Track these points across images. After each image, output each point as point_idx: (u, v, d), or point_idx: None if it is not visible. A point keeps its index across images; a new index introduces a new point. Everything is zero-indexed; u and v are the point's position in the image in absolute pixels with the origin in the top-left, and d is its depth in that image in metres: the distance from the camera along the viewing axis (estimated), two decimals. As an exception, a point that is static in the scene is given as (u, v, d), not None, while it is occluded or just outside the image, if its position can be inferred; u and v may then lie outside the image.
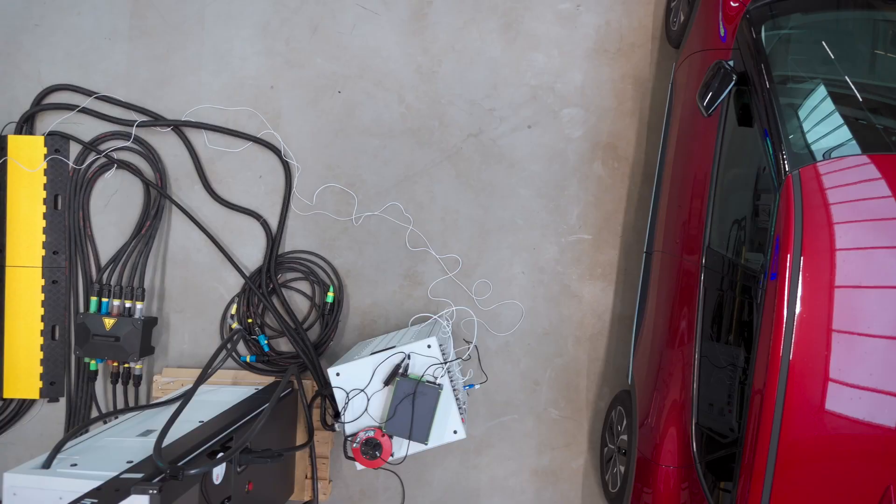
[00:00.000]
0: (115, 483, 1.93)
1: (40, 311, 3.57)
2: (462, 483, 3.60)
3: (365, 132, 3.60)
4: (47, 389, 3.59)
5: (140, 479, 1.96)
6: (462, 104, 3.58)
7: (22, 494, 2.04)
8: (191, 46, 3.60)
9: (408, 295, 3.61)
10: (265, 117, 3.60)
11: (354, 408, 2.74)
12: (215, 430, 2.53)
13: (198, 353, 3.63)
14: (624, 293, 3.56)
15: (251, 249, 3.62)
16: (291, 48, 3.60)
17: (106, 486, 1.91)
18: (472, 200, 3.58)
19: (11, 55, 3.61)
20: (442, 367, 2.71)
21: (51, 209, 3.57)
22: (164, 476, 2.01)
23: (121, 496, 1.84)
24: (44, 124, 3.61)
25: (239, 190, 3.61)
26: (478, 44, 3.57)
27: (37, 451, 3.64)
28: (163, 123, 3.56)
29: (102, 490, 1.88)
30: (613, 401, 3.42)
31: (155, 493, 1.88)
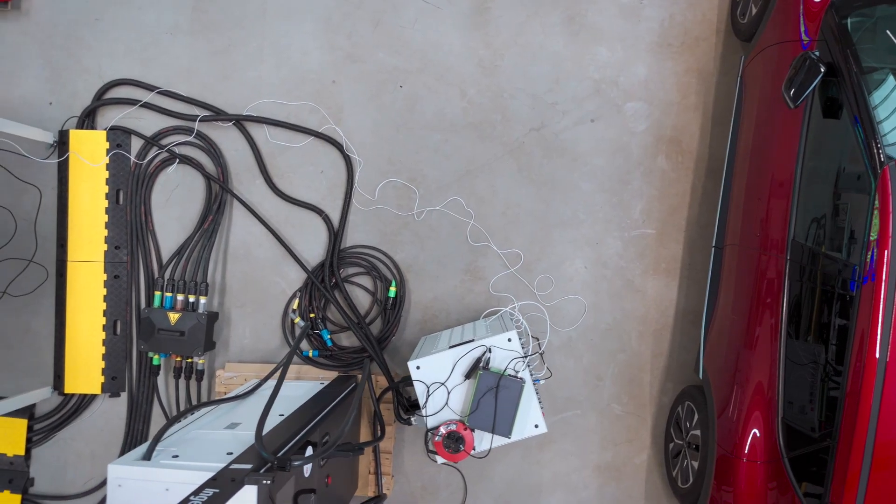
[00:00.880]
0: (229, 473, 1.92)
1: (102, 306, 3.57)
2: (524, 479, 3.59)
3: (426, 127, 3.58)
4: (109, 384, 3.59)
5: (250, 470, 1.95)
6: (524, 98, 3.56)
7: (127, 486, 2.04)
8: (252, 41, 3.60)
9: (469, 290, 3.59)
10: (327, 112, 3.59)
11: (434, 401, 2.72)
12: (301, 423, 2.53)
13: (258, 348, 3.63)
14: (688, 288, 3.54)
15: (312, 244, 3.61)
16: (353, 42, 3.59)
17: (221, 476, 1.90)
18: (533, 195, 3.57)
19: (72, 50, 3.61)
20: (522, 361, 2.69)
21: (113, 204, 3.57)
22: (271, 466, 2.00)
23: (237, 486, 1.84)
24: (105, 119, 3.61)
25: (300, 185, 3.61)
26: (540, 38, 3.55)
27: (97, 446, 3.64)
28: (225, 118, 3.56)
29: (218, 480, 1.87)
30: (680, 396, 3.40)
31: (269, 483, 1.87)
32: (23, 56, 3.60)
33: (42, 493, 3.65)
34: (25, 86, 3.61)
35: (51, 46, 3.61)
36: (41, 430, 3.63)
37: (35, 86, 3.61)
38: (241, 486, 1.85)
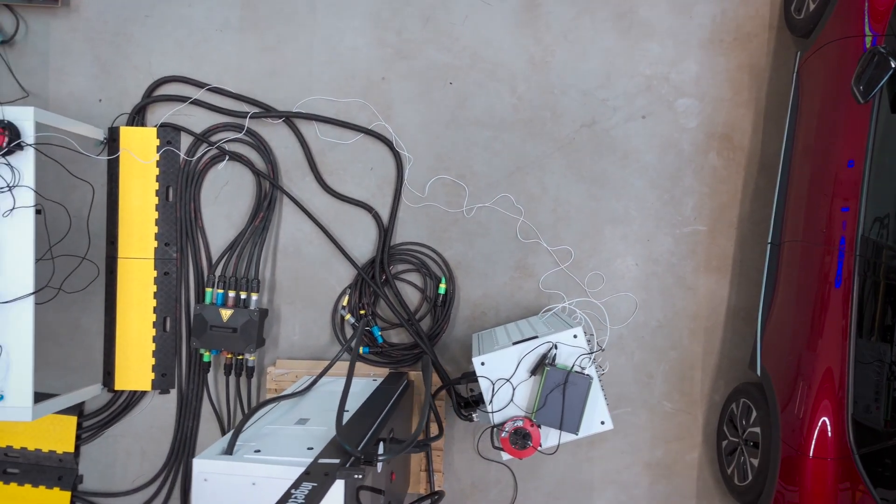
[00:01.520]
0: (320, 468, 1.91)
1: (152, 303, 3.57)
2: (575, 476, 3.58)
3: (476, 123, 3.58)
4: (159, 381, 3.59)
5: (338, 464, 1.95)
6: (575, 94, 3.55)
7: (213, 480, 2.03)
8: (302, 37, 3.59)
9: (518, 287, 3.58)
10: (376, 108, 3.58)
11: (498, 398, 2.72)
12: (371, 419, 2.52)
13: (308, 345, 3.63)
14: (739, 285, 3.53)
15: (361, 241, 3.60)
16: (403, 39, 3.58)
17: (314, 470, 1.90)
18: (584, 191, 3.56)
19: (122, 46, 3.61)
20: (588, 358, 2.68)
21: (163, 201, 3.57)
22: (356, 461, 2.00)
23: (330, 480, 1.83)
24: (154, 116, 3.61)
25: (350, 182, 3.60)
26: (591, 33, 3.54)
27: (147, 443, 3.64)
28: (275, 115, 3.56)
29: (311, 474, 1.87)
30: (734, 393, 3.39)
31: (360, 477, 1.87)
32: (73, 53, 3.61)
33: (91, 490, 3.65)
34: (75, 83, 3.61)
35: (100, 43, 3.61)
36: (91, 427, 3.63)
37: (85, 83, 3.61)
38: (334, 480, 1.84)
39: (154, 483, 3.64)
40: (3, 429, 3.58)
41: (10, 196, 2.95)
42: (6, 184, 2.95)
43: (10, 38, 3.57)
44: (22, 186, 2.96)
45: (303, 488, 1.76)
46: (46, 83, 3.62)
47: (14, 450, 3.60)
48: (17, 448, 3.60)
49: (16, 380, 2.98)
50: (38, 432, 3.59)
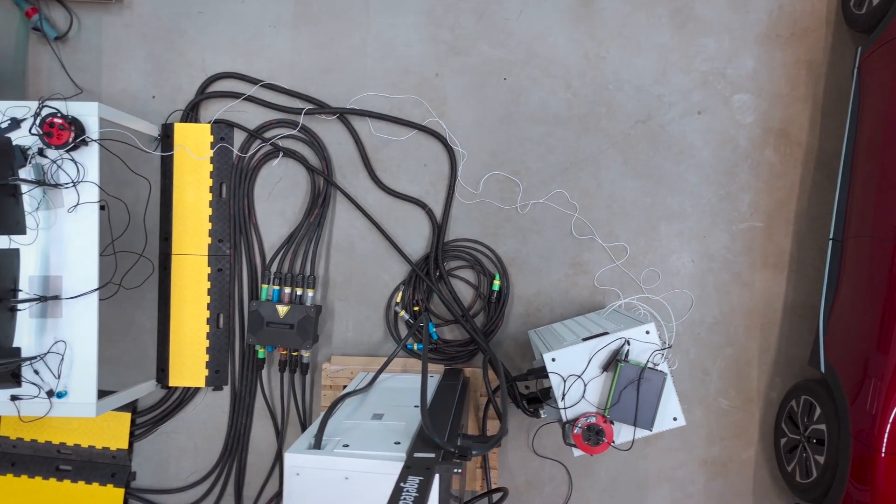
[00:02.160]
0: (420, 462, 1.91)
1: (206, 300, 3.57)
2: (630, 473, 3.57)
3: (530, 119, 3.56)
4: (212, 378, 3.58)
5: (435, 459, 1.94)
6: (630, 90, 3.54)
7: (305, 474, 2.03)
8: (355, 34, 3.59)
9: (573, 283, 3.57)
10: (430, 105, 3.57)
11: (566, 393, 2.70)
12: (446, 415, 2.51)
13: (362, 342, 3.62)
14: (797, 282, 3.51)
15: (415, 238, 3.59)
16: (457, 35, 3.57)
17: (414, 464, 1.89)
18: (639, 187, 3.54)
19: (175, 43, 3.61)
20: (661, 354, 2.67)
21: (216, 197, 3.57)
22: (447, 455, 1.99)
23: (432, 473, 1.82)
24: (208, 112, 3.61)
25: (403, 178, 3.59)
26: (646, 29, 3.53)
27: (200, 440, 3.63)
28: (329, 111, 3.55)
29: (413, 468, 1.86)
30: (794, 390, 3.37)
31: (460, 471, 1.86)
32: (126, 49, 3.61)
33: (144, 486, 3.65)
34: (128, 79, 3.61)
35: (154, 40, 3.61)
36: (144, 424, 3.63)
37: (138, 79, 3.61)
38: (435, 474, 1.83)
39: (207, 480, 3.63)
40: (56, 426, 3.58)
41: (75, 192, 2.95)
42: (70, 179, 2.94)
43: (63, 35, 3.58)
44: (86, 182, 2.96)
45: (410, 482, 1.75)
46: (99, 80, 3.62)
47: (67, 447, 3.60)
48: (70, 445, 3.60)
49: (79, 376, 2.98)
50: (92, 429, 3.59)
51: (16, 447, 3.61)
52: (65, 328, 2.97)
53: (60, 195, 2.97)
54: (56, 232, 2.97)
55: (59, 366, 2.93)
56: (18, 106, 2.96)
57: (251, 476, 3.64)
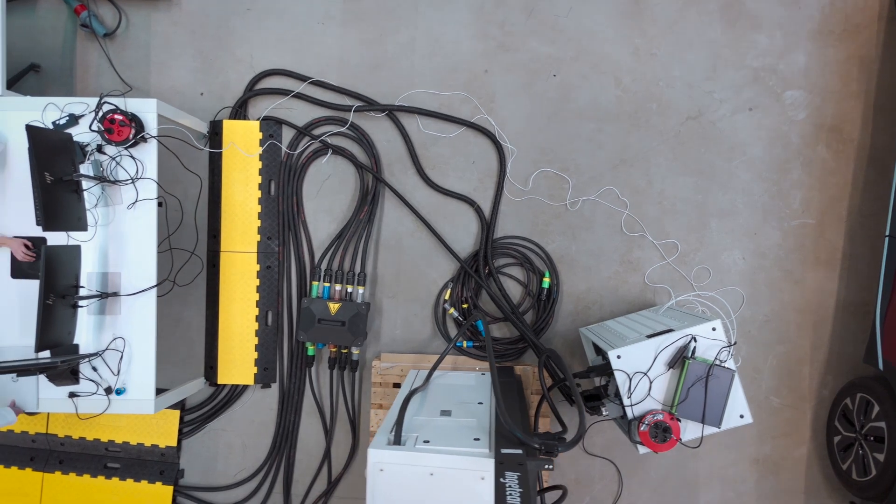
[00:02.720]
0: (511, 458, 1.89)
1: (255, 297, 3.56)
2: (680, 472, 3.55)
3: (580, 116, 3.55)
4: (261, 375, 3.58)
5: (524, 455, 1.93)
6: (680, 86, 3.52)
7: (389, 470, 2.02)
8: (404, 30, 3.57)
9: (623, 281, 3.55)
10: (479, 101, 3.56)
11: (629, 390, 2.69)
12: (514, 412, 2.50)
13: (410, 339, 3.61)
14: (849, 279, 3.49)
15: (463, 235, 3.58)
16: (506, 31, 3.56)
17: (506, 460, 1.87)
18: (690, 184, 3.53)
19: (223, 40, 3.60)
20: (727, 351, 2.65)
21: (265, 194, 3.56)
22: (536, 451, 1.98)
23: (524, 469, 1.81)
24: (256, 109, 3.61)
25: (452, 175, 3.58)
26: (697, 25, 3.51)
27: (248, 437, 3.63)
28: (378, 108, 3.54)
29: (505, 464, 1.85)
30: (849, 388, 3.34)
31: (551, 467, 1.85)
32: (174, 46, 3.60)
33: (192, 484, 3.65)
34: (177, 76, 3.61)
35: (202, 37, 3.60)
36: (192, 422, 3.63)
37: (186, 76, 3.61)
38: (527, 470, 1.82)
39: (255, 477, 3.63)
40: (104, 423, 3.57)
41: (133, 188, 2.95)
42: (129, 176, 2.94)
43: (111, 32, 3.57)
44: (144, 179, 2.96)
45: (509, 477, 1.74)
46: (148, 77, 3.61)
47: (115, 444, 3.60)
48: (118, 442, 3.60)
49: (137, 373, 2.98)
50: (141, 427, 3.59)
51: (63, 445, 3.61)
52: (123, 325, 2.97)
53: (118, 192, 2.97)
54: (114, 229, 2.97)
55: (118, 363, 2.93)
56: (77, 102, 2.96)
57: (299, 474, 3.63)
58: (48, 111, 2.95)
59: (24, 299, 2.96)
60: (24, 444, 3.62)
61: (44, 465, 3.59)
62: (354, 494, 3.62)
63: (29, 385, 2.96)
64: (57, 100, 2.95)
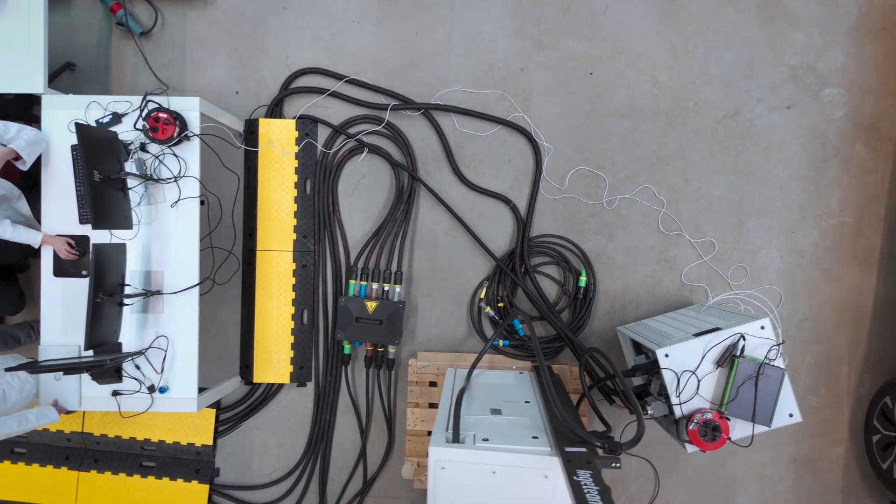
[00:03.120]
0: (579, 456, 1.89)
1: (291, 296, 3.56)
2: (717, 471, 3.54)
3: (616, 114, 3.54)
4: (297, 374, 3.58)
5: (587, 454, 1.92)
6: (717, 85, 3.51)
7: (451, 468, 2.01)
8: (440, 29, 3.57)
9: (660, 280, 3.54)
10: (514, 100, 3.55)
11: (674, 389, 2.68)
12: (566, 411, 2.49)
13: (445, 338, 3.60)
14: (887, 277, 3.48)
15: (498, 234, 3.58)
16: (542, 30, 3.55)
17: (575, 458, 1.87)
18: (727, 183, 3.52)
19: (259, 38, 3.60)
20: (776, 349, 2.64)
21: (301, 193, 3.56)
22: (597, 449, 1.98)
23: (595, 467, 1.81)
24: (291, 108, 3.60)
25: (487, 174, 3.57)
26: (734, 23, 3.50)
27: (284, 436, 3.62)
28: (414, 107, 3.54)
29: (574, 462, 1.84)
30: (888, 387, 3.33)
31: (619, 465, 1.84)
32: (210, 45, 3.60)
33: (227, 483, 3.64)
34: (212, 75, 3.61)
35: (237, 35, 3.60)
36: (228, 420, 3.62)
37: (222, 75, 3.61)
38: (597, 468, 1.82)
39: (290, 476, 3.62)
40: (139, 422, 3.57)
41: (176, 186, 2.95)
42: (172, 174, 2.94)
43: (148, 31, 3.57)
44: (188, 177, 2.96)
45: (581, 475, 1.73)
46: (183, 75, 3.61)
47: (151, 443, 3.60)
48: (154, 441, 3.60)
49: (180, 371, 2.98)
50: (177, 425, 3.58)
51: (99, 444, 3.61)
52: (165, 323, 2.97)
53: (161, 190, 2.97)
54: (157, 227, 2.97)
55: (162, 361, 2.93)
56: (120, 101, 2.96)
57: (334, 472, 3.63)
58: (91, 109, 2.95)
59: (66, 298, 2.96)
60: (60, 443, 3.62)
61: (79, 464, 3.59)
62: (390, 493, 3.61)
63: (71, 384, 2.96)
64: (100, 98, 2.95)
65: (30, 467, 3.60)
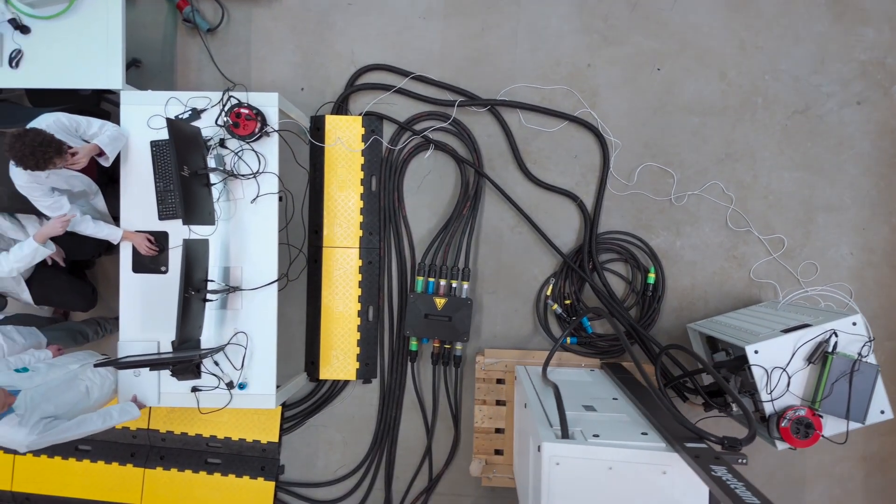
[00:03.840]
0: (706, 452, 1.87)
1: (357, 292, 3.55)
2: (786, 469, 3.52)
3: (684, 109, 3.52)
4: (363, 370, 3.57)
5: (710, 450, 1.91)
6: (787, 80, 3.49)
7: (566, 465, 2.00)
8: (506, 24, 3.55)
9: (728, 277, 3.52)
10: (581, 96, 3.54)
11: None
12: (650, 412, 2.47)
13: (510, 335, 3.59)
14: (960, 274, 3.45)
15: (564, 230, 3.56)
16: (609, 25, 3.53)
17: (702, 454, 1.85)
18: (797, 179, 3.49)
19: (324, 35, 3.59)
20: (868, 346, 2.62)
21: (367, 190, 3.55)
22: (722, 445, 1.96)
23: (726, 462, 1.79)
24: (356, 105, 3.59)
25: (554, 170, 3.56)
26: (804, 18, 3.47)
27: (349, 433, 3.62)
28: (480, 103, 3.52)
29: (701, 458, 1.82)
30: (964, 385, 3.30)
31: (745, 462, 1.83)
32: (275, 42, 3.59)
33: (292, 480, 3.64)
34: (277, 71, 3.60)
35: (302, 32, 3.59)
36: (293, 418, 3.62)
37: (287, 71, 3.60)
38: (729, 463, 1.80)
39: (356, 473, 3.62)
40: (205, 419, 3.56)
41: (255, 182, 2.94)
42: (250, 170, 2.94)
43: (214, 27, 3.57)
44: (266, 173, 2.95)
45: (717, 470, 1.72)
46: (249, 72, 3.61)
47: (217, 440, 3.60)
48: (220, 438, 3.59)
49: (259, 367, 2.98)
50: (242, 422, 3.58)
51: (164, 441, 3.61)
52: (243, 320, 2.97)
53: (239, 186, 2.96)
54: (235, 223, 2.97)
55: (242, 357, 2.92)
56: (199, 96, 2.96)
57: (399, 470, 3.62)
58: (170, 105, 2.94)
59: (145, 294, 2.96)
60: (125, 441, 3.62)
61: (144, 462, 3.59)
62: (456, 491, 3.60)
63: (150, 380, 2.96)
64: (179, 94, 2.95)
65: (95, 465, 3.61)
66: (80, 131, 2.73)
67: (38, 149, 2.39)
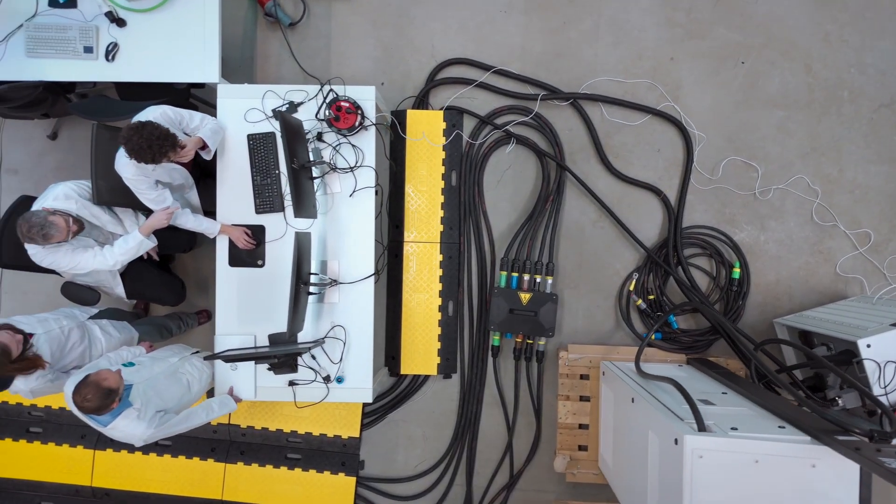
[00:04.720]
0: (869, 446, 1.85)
1: (438, 287, 3.54)
2: (873, 466, 3.48)
3: (769, 103, 3.49)
4: (443, 365, 3.55)
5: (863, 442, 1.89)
6: (873, 73, 3.45)
7: (710, 458, 1.98)
8: (588, 18, 3.54)
9: (813, 272, 3.49)
10: (664, 89, 3.51)
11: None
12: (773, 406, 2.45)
13: (592, 330, 3.57)
14: None
15: (646, 225, 3.54)
16: (692, 18, 3.51)
17: (863, 447, 1.83)
18: (883, 173, 3.46)
19: (404, 29, 3.58)
20: (983, 339, 2.58)
21: (448, 185, 3.54)
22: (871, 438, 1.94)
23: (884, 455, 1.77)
24: (436, 99, 3.58)
25: (636, 164, 3.54)
26: (890, 11, 3.44)
27: (429, 428, 3.61)
28: (563, 96, 3.51)
29: (863, 451, 1.80)
30: None
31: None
32: (354, 36, 3.59)
33: (373, 475, 3.63)
34: (357, 66, 3.60)
35: (382, 26, 3.59)
36: (373, 413, 3.61)
37: (367, 66, 3.60)
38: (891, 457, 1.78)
39: (436, 469, 3.60)
40: (286, 414, 3.55)
41: (352, 176, 2.94)
42: (347, 164, 2.93)
43: (296, 22, 3.57)
44: (364, 166, 2.94)
45: (888, 461, 1.70)
46: (328, 66, 3.60)
47: (297, 434, 3.58)
48: (300, 433, 3.58)
49: (356, 361, 2.98)
50: (323, 417, 3.56)
51: (245, 435, 3.60)
52: (340, 313, 2.96)
53: (336, 179, 2.95)
54: (332, 217, 2.96)
55: (341, 351, 2.91)
56: (296, 90, 2.95)
57: (480, 465, 3.61)
58: (267, 98, 2.94)
59: (241, 287, 2.96)
60: (206, 435, 3.61)
61: (225, 456, 3.58)
62: (536, 487, 3.58)
63: (246, 373, 2.96)
64: (276, 87, 2.94)
65: (175, 460, 3.60)
66: (182, 124, 2.73)
67: (155, 142, 2.39)
